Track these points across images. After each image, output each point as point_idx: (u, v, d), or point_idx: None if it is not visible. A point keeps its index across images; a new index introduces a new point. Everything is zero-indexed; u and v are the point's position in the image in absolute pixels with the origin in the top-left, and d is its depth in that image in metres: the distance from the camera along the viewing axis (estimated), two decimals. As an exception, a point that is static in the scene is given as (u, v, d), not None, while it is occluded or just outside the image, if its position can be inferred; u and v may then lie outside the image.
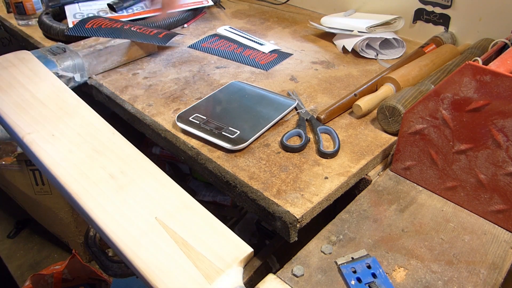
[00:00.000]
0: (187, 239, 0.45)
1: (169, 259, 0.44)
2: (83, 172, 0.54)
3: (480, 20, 0.90)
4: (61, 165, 0.55)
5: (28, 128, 0.61)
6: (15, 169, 1.39)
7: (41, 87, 0.70)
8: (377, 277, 0.46)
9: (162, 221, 0.47)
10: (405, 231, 0.53)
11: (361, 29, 0.94)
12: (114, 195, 0.51)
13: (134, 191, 0.51)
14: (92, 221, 0.49)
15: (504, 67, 0.53)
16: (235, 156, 0.62)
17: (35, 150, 0.57)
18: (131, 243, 0.45)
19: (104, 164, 0.55)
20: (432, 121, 0.54)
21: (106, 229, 0.47)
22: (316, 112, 0.72)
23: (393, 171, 0.63)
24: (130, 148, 0.58)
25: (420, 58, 0.82)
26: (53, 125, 0.62)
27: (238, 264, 0.44)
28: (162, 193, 0.51)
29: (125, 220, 0.48)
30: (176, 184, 0.53)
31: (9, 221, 1.74)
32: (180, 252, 0.44)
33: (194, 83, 0.83)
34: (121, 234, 0.46)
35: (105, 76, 0.86)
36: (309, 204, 0.53)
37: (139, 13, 1.07)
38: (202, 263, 0.43)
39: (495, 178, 0.51)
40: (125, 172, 0.54)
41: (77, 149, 0.57)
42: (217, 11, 1.24)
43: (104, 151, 0.57)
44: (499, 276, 0.47)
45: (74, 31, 0.92)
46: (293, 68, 0.89)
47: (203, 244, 0.45)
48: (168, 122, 0.70)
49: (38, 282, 1.28)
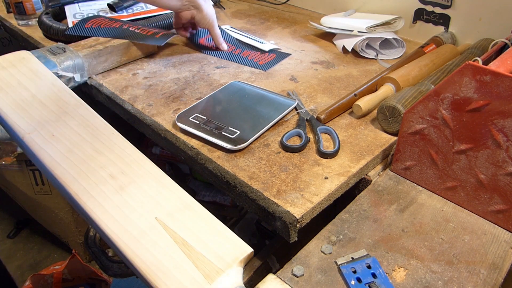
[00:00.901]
0: (187, 239, 0.45)
1: (169, 259, 0.44)
2: (83, 172, 0.54)
3: (480, 20, 0.90)
4: (61, 165, 0.55)
5: (28, 128, 0.61)
6: (15, 169, 1.39)
7: (41, 87, 0.70)
8: (377, 277, 0.46)
9: (162, 221, 0.47)
10: (405, 231, 0.53)
11: (361, 29, 0.94)
12: (114, 195, 0.51)
13: (134, 191, 0.51)
14: (92, 221, 0.49)
15: (504, 67, 0.53)
16: (235, 156, 0.62)
17: (35, 150, 0.57)
18: (131, 243, 0.45)
19: (104, 164, 0.55)
20: (432, 121, 0.54)
21: (106, 229, 0.47)
22: (316, 112, 0.72)
23: (393, 171, 0.63)
24: (130, 148, 0.58)
25: (420, 58, 0.82)
26: (53, 125, 0.62)
27: (238, 264, 0.44)
28: (162, 193, 0.51)
29: (125, 220, 0.48)
30: (176, 185, 0.53)
31: (9, 221, 1.74)
32: (180, 252, 0.44)
33: (194, 83, 0.83)
34: (121, 234, 0.46)
35: (105, 76, 0.86)
36: (309, 204, 0.53)
37: (139, 13, 1.07)
38: (202, 263, 0.43)
39: (495, 178, 0.51)
40: (125, 172, 0.54)
41: (77, 149, 0.57)
42: (217, 11, 1.24)
43: (104, 151, 0.57)
44: (499, 276, 0.47)
45: (74, 31, 0.92)
46: (293, 68, 0.89)
47: (203, 244, 0.45)
48: (168, 122, 0.70)
49: (38, 282, 1.28)
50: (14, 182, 1.43)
